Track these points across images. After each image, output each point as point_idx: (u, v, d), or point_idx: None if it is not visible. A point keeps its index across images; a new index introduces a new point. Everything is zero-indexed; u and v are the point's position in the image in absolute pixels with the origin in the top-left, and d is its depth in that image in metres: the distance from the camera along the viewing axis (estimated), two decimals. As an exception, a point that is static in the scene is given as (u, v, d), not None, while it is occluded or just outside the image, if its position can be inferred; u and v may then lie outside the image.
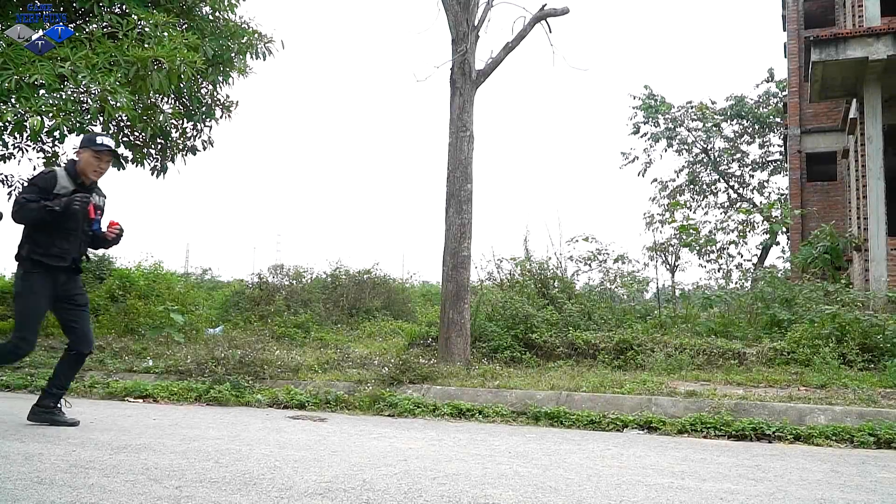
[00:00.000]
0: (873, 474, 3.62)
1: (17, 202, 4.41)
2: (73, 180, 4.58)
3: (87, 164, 4.66)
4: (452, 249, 7.71)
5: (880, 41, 9.84)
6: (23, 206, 4.39)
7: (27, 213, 4.40)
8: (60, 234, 4.55)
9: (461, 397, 6.04)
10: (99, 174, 4.72)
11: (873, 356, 6.96)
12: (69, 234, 4.59)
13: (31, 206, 4.38)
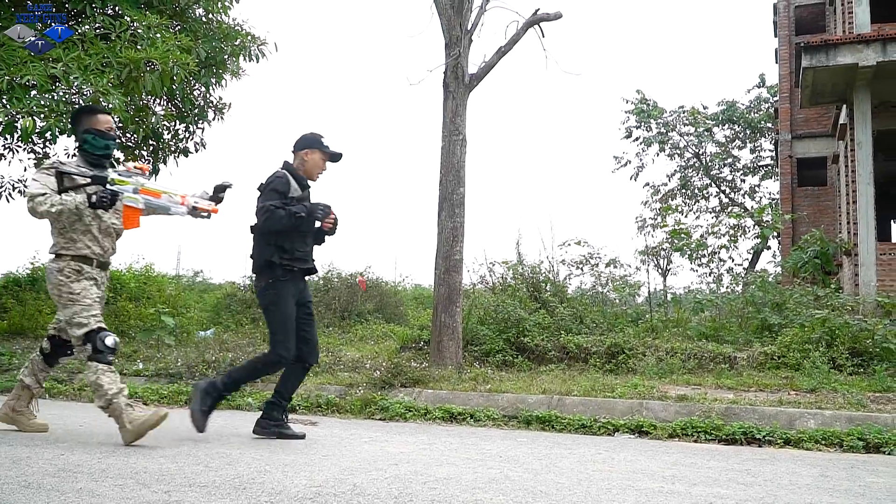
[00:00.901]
0: (863, 479, 3.63)
1: (266, 210, 4.24)
2: (298, 182, 4.48)
3: (316, 165, 4.58)
4: (445, 253, 7.71)
5: (870, 48, 9.92)
6: (273, 213, 4.23)
7: (277, 221, 4.24)
8: (300, 237, 4.44)
9: (453, 401, 6.04)
10: (321, 175, 4.66)
11: (863, 360, 7.00)
12: (305, 236, 4.50)
13: (280, 213, 4.24)
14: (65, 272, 4.04)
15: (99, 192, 3.94)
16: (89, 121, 4.18)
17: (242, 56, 9.29)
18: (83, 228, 4.08)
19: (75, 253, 4.07)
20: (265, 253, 4.34)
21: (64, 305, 4.02)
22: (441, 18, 7.96)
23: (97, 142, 4.14)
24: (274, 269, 4.35)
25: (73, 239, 4.07)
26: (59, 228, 4.08)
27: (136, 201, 4.04)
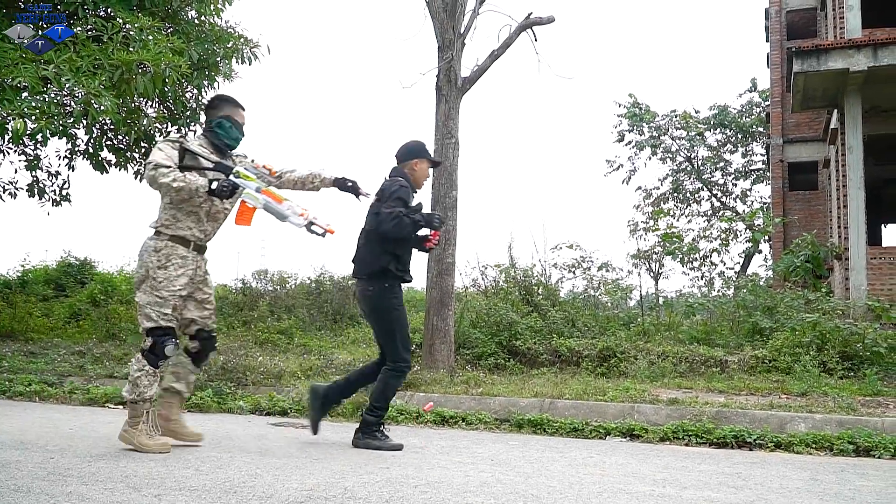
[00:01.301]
0: (853, 482, 3.65)
1: (395, 216, 4.19)
2: (412, 191, 4.50)
3: (423, 173, 4.60)
4: (437, 256, 7.70)
5: (861, 53, 9.98)
6: (401, 220, 4.21)
7: (404, 227, 4.23)
8: (408, 248, 4.47)
9: (444, 404, 6.04)
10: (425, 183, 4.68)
11: (853, 364, 7.03)
12: (410, 247, 4.49)
13: (406, 220, 4.23)
14: (161, 253, 3.92)
15: (221, 180, 3.88)
16: (230, 109, 4.15)
17: (235, 58, 9.26)
18: (190, 209, 3.98)
19: (174, 233, 3.95)
20: (382, 260, 4.32)
21: (142, 289, 3.91)
22: (434, 22, 7.97)
23: (231, 131, 4.11)
24: (388, 276, 4.35)
25: (177, 218, 3.96)
26: (167, 203, 3.97)
27: (256, 200, 3.93)
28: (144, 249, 3.96)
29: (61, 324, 11.17)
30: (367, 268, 4.37)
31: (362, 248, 4.45)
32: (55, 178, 10.40)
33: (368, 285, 4.37)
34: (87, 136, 9.68)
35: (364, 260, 4.40)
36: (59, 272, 13.63)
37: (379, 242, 4.32)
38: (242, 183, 3.93)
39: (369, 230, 4.40)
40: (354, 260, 4.51)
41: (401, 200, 4.31)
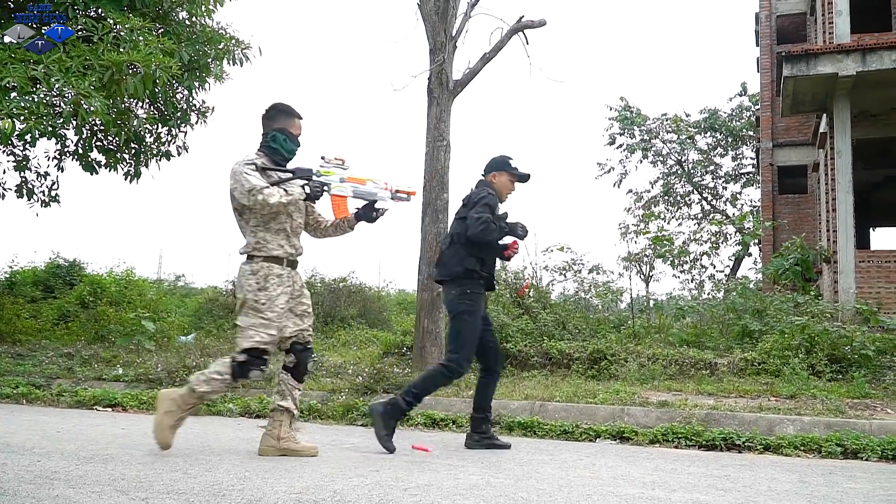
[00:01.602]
0: (840, 485, 3.66)
1: (484, 220, 4.31)
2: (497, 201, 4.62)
3: (504, 186, 4.69)
4: (428, 259, 7.71)
5: (850, 58, 10.04)
6: (489, 224, 4.32)
7: (491, 233, 4.35)
8: (493, 254, 4.57)
9: (435, 407, 6.03)
10: (509, 196, 4.76)
11: (841, 367, 7.07)
12: (494, 252, 4.59)
13: (493, 226, 4.35)
14: (258, 275, 3.93)
15: (311, 183, 3.96)
16: (286, 121, 4.14)
17: (226, 60, 9.26)
18: (277, 227, 4.00)
19: (267, 254, 3.97)
20: (467, 262, 4.41)
21: (244, 313, 3.92)
22: (426, 24, 7.98)
23: (287, 144, 4.10)
24: (473, 278, 4.42)
25: (266, 239, 3.98)
26: (254, 227, 3.98)
27: (345, 189, 4.05)
28: (241, 275, 3.98)
29: (49, 325, 11.11)
30: (449, 271, 4.48)
31: (446, 252, 4.56)
32: (44, 179, 10.35)
33: (451, 288, 4.46)
34: (76, 136, 9.64)
35: (447, 264, 4.51)
36: (48, 273, 13.55)
37: (464, 246, 4.42)
38: (327, 179, 4.02)
39: (454, 234, 4.52)
40: (437, 265, 4.64)
41: (488, 207, 4.43)
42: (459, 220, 4.50)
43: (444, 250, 4.59)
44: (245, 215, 3.97)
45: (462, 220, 4.45)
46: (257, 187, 3.81)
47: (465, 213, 4.46)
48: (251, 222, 3.96)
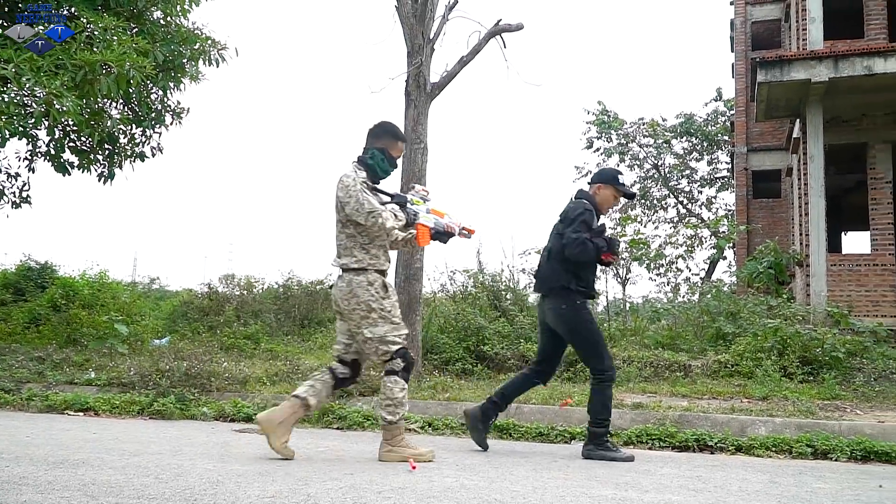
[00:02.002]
0: (810, 485, 3.71)
1: (581, 242, 4.37)
2: (595, 213, 4.64)
3: (606, 200, 4.71)
4: (405, 261, 7.70)
5: (822, 64, 10.18)
6: (586, 246, 4.38)
7: (588, 253, 4.41)
8: (592, 267, 4.61)
9: (411, 409, 6.01)
10: (611, 209, 4.84)
11: (813, 369, 7.16)
12: (594, 266, 4.64)
13: (590, 246, 4.40)
14: (375, 286, 4.04)
15: (407, 211, 4.18)
16: (389, 142, 4.23)
17: (202, 60, 9.18)
18: (380, 244, 4.14)
19: (377, 267, 4.10)
20: (562, 278, 4.49)
21: (373, 323, 4.01)
22: (403, 27, 7.97)
23: (384, 164, 4.20)
24: (570, 294, 4.48)
25: (377, 255, 4.11)
26: (363, 244, 4.09)
27: (429, 220, 4.30)
28: (357, 286, 4.03)
29: (20, 329, 10.93)
30: (548, 285, 4.57)
31: (544, 265, 4.65)
32: (14, 180, 10.19)
33: (561, 303, 4.50)
34: (48, 137, 9.51)
35: (545, 277, 4.60)
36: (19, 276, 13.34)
37: (561, 261, 4.49)
38: (417, 209, 4.27)
39: (552, 249, 4.60)
40: (536, 276, 4.76)
41: (585, 224, 4.47)
42: (557, 236, 4.57)
43: (542, 264, 4.70)
44: (350, 229, 4.08)
45: (560, 235, 4.52)
46: (377, 210, 3.95)
47: (562, 230, 4.52)
48: (358, 238, 4.08)
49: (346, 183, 4.00)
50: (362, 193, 3.96)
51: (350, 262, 4.06)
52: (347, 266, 4.07)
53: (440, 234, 4.33)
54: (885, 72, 9.82)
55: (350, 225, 4.05)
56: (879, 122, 10.92)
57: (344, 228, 4.09)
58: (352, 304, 4.03)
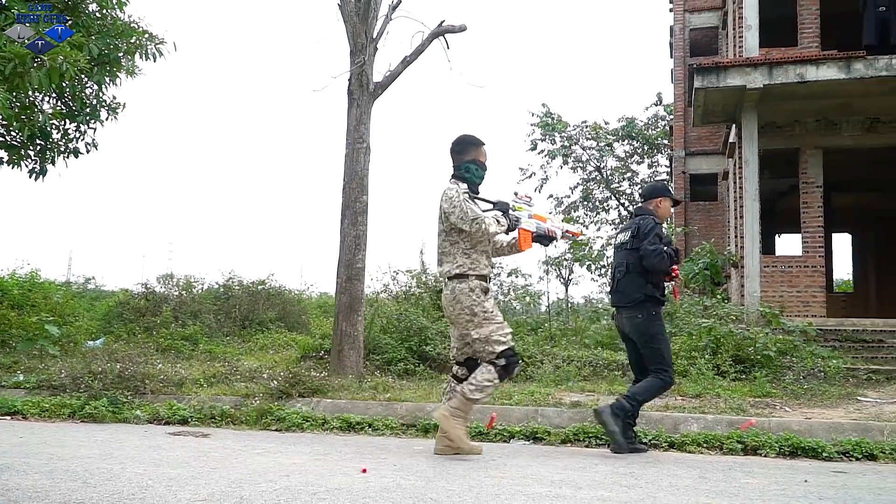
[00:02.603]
0: (738, 480, 3.82)
1: (659, 252, 4.69)
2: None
3: (666, 211, 5.13)
4: (347, 261, 7.66)
5: (757, 71, 10.47)
6: (663, 255, 4.70)
7: (665, 262, 4.73)
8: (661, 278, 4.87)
9: (352, 410, 5.99)
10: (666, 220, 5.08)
11: (745, 367, 7.37)
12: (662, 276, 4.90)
13: (667, 255, 4.73)
14: (476, 292, 4.27)
15: (509, 216, 4.41)
16: (475, 152, 4.50)
17: (139, 54, 8.94)
18: (482, 249, 4.39)
19: (478, 273, 4.32)
20: (646, 289, 4.82)
21: (478, 324, 4.23)
22: (346, 25, 7.92)
23: (478, 172, 4.49)
24: (654, 302, 4.83)
25: (479, 260, 4.33)
26: (465, 249, 4.33)
27: (531, 225, 4.53)
28: (460, 293, 4.28)
29: (-55, 330, 10.49)
30: (629, 298, 4.86)
31: (622, 280, 4.92)
32: (-60, 176, 9.79)
33: (637, 313, 4.83)
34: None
35: (625, 292, 4.89)
36: (-56, 275, 12.81)
37: (641, 274, 4.82)
38: (519, 214, 4.49)
39: (629, 263, 4.88)
40: (615, 291, 5.02)
41: (657, 237, 4.81)
42: (631, 251, 4.87)
43: (619, 279, 4.94)
44: (454, 237, 4.35)
45: (633, 250, 4.83)
46: (480, 217, 4.23)
47: (636, 244, 4.83)
48: (461, 245, 4.34)
49: (450, 195, 4.31)
50: (465, 203, 4.24)
51: (452, 268, 4.32)
52: (450, 273, 4.33)
53: (542, 237, 4.60)
54: (816, 79, 10.15)
55: (454, 233, 4.34)
56: (811, 128, 11.28)
57: (448, 237, 4.37)
58: (457, 309, 4.30)
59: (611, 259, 19.95)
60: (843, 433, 5.10)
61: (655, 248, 4.71)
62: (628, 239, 4.94)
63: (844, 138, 10.98)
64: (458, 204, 4.24)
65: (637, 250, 4.80)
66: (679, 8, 17.11)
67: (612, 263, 5.18)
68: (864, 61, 9.73)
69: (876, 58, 9.74)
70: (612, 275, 5.13)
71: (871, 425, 5.24)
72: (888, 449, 4.72)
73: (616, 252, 5.14)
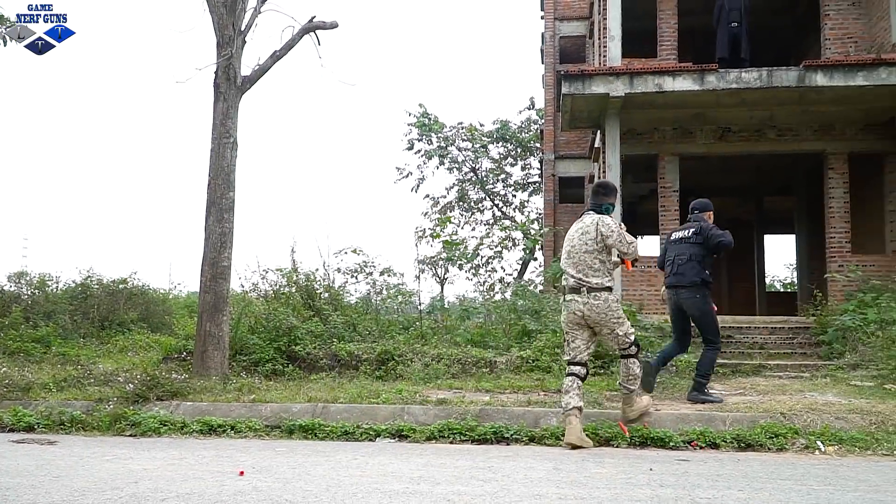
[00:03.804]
0: (589, 470, 4.00)
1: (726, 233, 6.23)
2: None
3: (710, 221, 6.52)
4: (212, 259, 7.42)
5: (619, 80, 10.97)
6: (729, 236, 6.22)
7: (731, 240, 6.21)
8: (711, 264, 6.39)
9: (213, 413, 5.81)
10: None
11: (604, 363, 7.71)
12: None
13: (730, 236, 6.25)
14: (612, 298, 5.21)
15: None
16: (614, 198, 5.53)
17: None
18: (612, 267, 5.34)
19: (611, 284, 5.25)
20: (703, 274, 6.25)
21: (620, 324, 5.20)
22: (213, 16, 7.67)
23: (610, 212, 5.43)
24: (707, 285, 6.26)
25: (612, 276, 5.32)
26: (609, 268, 5.28)
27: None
28: (612, 301, 5.21)
29: None
30: (688, 279, 6.27)
31: (684, 265, 6.31)
32: None
33: (692, 293, 6.26)
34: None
35: (686, 274, 6.29)
36: None
37: (700, 262, 6.25)
38: None
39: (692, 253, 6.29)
40: (676, 273, 6.36)
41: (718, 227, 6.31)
42: (693, 244, 6.31)
43: (681, 264, 6.32)
44: (602, 256, 5.24)
45: (696, 244, 6.29)
46: (634, 242, 5.33)
47: (698, 240, 6.28)
48: (607, 264, 5.28)
49: (609, 223, 5.25)
50: (624, 232, 5.29)
51: (604, 281, 5.21)
52: (602, 285, 5.19)
53: (635, 261, 5.58)
54: (673, 90, 10.75)
55: (604, 252, 5.24)
56: (668, 135, 11.94)
57: (598, 255, 5.23)
58: (608, 314, 5.16)
59: (486, 259, 20.26)
60: (689, 423, 5.42)
61: (725, 233, 6.21)
62: (690, 234, 6.34)
63: (699, 146, 11.69)
64: (616, 230, 5.24)
65: (700, 244, 6.25)
66: (549, 16, 17.67)
67: (671, 253, 6.47)
68: (716, 74, 10.39)
69: (727, 70, 10.43)
70: (672, 262, 6.41)
71: (715, 416, 5.59)
72: (729, 438, 5.06)
73: (675, 245, 6.47)
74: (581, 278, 5.19)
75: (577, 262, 5.23)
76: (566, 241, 5.45)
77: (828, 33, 11.57)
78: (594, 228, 5.24)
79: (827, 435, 4.99)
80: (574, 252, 5.28)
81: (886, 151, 10.71)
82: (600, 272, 5.19)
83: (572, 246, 5.32)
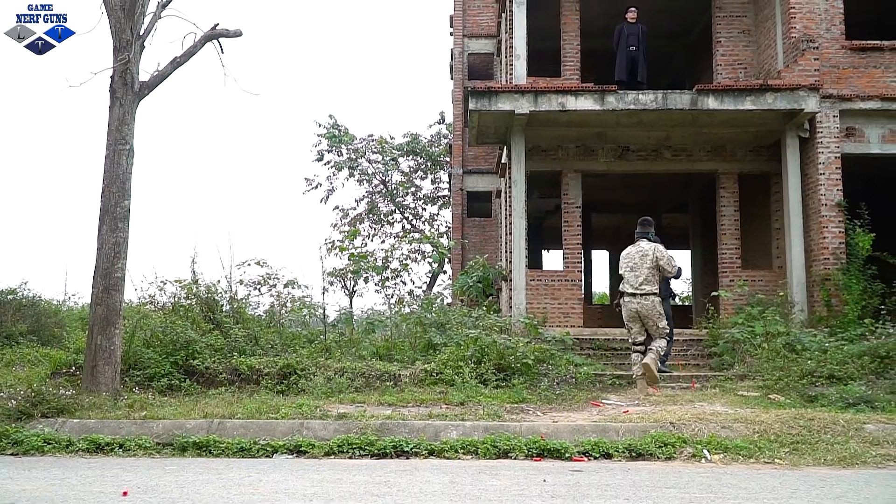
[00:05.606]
0: (485, 482, 4.05)
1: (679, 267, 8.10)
2: None
3: None
4: (105, 270, 7.13)
5: (524, 97, 11.21)
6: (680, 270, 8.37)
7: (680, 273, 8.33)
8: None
9: (102, 430, 5.58)
10: None
11: (506, 375, 7.81)
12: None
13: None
14: (658, 302, 7.51)
15: None
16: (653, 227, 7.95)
17: None
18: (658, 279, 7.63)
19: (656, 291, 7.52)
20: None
21: (660, 318, 7.51)
22: (110, 19, 7.41)
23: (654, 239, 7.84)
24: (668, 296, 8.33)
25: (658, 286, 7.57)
26: (658, 280, 7.58)
27: None
28: (658, 304, 7.53)
29: None
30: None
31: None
32: None
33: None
34: None
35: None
36: None
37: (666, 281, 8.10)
38: None
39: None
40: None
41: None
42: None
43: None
44: (654, 272, 7.55)
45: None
46: (678, 266, 7.78)
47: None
48: (657, 277, 7.58)
49: (663, 251, 7.59)
50: (670, 256, 7.60)
51: (653, 288, 7.49)
52: (652, 291, 7.50)
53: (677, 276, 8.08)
54: (575, 108, 11.05)
55: (656, 270, 7.55)
56: (571, 153, 12.27)
57: (651, 271, 7.53)
58: (654, 311, 7.48)
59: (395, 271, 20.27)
60: (584, 434, 5.57)
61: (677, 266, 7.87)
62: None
63: (600, 164, 12.05)
64: (666, 253, 7.58)
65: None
66: (458, 33, 17.91)
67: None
68: (615, 95, 10.76)
69: (626, 92, 10.82)
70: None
71: (609, 426, 5.77)
72: (622, 447, 5.23)
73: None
74: (639, 286, 7.50)
75: (639, 275, 7.53)
76: (625, 259, 7.70)
77: (719, 59, 12.18)
78: (652, 252, 7.58)
79: (713, 444, 5.23)
80: (636, 267, 7.57)
81: (773, 172, 11.33)
82: (652, 282, 7.52)
83: (635, 263, 7.59)
